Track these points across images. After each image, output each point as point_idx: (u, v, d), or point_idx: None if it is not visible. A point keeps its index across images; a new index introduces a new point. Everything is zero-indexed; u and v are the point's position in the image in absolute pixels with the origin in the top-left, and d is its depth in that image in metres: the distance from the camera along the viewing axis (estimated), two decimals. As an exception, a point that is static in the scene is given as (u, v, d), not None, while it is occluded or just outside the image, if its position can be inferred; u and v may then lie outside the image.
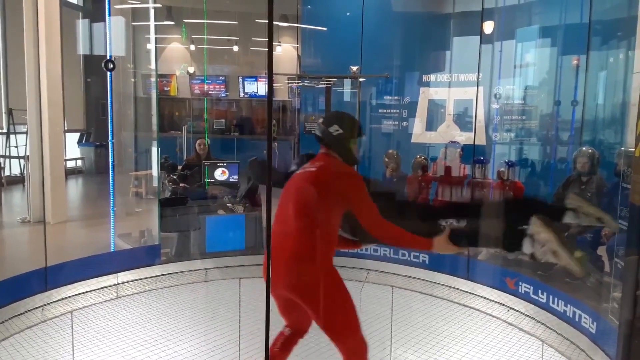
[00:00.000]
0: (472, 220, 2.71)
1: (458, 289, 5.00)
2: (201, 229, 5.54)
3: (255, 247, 5.69)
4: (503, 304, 4.61)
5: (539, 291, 4.37)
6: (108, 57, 5.22)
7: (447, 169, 6.11)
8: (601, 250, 4.48)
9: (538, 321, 4.27)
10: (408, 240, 2.61)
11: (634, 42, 5.49)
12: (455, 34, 8.05)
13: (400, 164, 6.32)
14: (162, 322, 4.13)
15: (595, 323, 3.69)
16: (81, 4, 11.13)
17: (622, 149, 4.67)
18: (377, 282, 5.21)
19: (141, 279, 5.07)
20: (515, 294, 4.59)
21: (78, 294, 4.59)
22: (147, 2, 6.91)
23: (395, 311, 4.16)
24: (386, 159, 6.35)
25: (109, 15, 5.38)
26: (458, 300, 4.79)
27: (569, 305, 4.03)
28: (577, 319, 3.90)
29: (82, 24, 10.34)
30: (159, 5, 8.53)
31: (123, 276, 4.94)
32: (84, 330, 3.90)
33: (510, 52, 7.51)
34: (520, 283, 4.57)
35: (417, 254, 5.42)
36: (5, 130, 9.30)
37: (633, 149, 2.72)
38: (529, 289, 4.48)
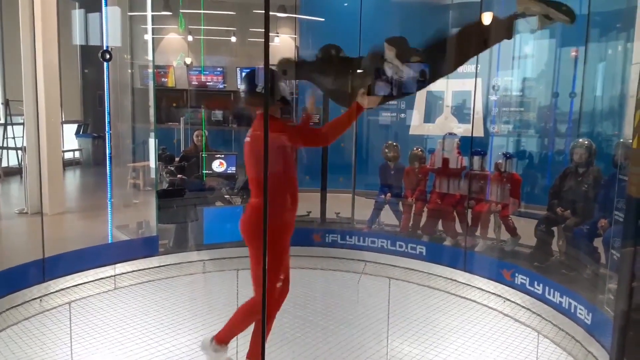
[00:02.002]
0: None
1: (455, 280, 5.02)
2: (199, 221, 5.55)
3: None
4: (499, 296, 4.63)
5: (535, 282, 4.39)
6: (104, 48, 5.20)
7: (445, 161, 6.12)
8: (597, 242, 4.50)
9: (534, 312, 4.30)
10: (344, 122, 2.92)
11: (633, 34, 5.49)
12: (454, 25, 8.01)
13: (400, 155, 6.34)
14: (160, 314, 4.14)
15: (590, 314, 3.71)
16: (78, -6, 11.04)
17: (621, 140, 4.67)
18: (375, 274, 5.23)
19: (139, 270, 5.08)
20: (511, 285, 4.61)
21: (76, 285, 4.60)
22: (144, -8, 6.85)
23: (393, 303, 4.18)
24: (386, 150, 6.37)
25: (106, 5, 5.35)
26: (455, 292, 4.81)
27: (564, 297, 4.05)
28: (572, 310, 3.92)
29: (78, 14, 10.26)
30: (156, -5, 8.46)
31: (121, 267, 4.95)
32: (81, 322, 3.91)
33: (508, 44, 7.49)
34: (516, 274, 4.59)
35: (415, 245, 5.44)
36: (2, 121, 9.27)
37: (631, 141, 2.72)
38: (525, 280, 4.50)
